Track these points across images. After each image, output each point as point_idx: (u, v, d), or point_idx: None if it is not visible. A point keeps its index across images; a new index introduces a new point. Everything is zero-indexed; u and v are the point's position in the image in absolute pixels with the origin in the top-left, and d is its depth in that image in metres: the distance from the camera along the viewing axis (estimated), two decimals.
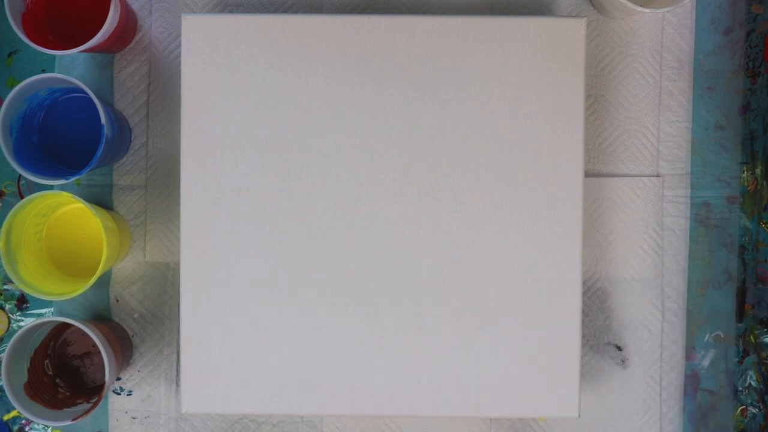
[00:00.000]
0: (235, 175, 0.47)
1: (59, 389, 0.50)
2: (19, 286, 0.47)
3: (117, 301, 0.53)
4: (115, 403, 0.53)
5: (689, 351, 0.53)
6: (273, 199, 0.47)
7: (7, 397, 0.46)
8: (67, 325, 0.50)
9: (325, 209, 0.47)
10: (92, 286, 0.51)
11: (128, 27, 0.51)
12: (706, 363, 0.53)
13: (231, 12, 0.53)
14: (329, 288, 0.47)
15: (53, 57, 0.53)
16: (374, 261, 0.47)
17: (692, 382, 0.53)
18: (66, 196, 0.47)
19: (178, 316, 0.51)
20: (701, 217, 0.53)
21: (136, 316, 0.53)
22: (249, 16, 0.47)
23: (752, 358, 0.53)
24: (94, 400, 0.48)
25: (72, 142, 0.52)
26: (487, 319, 0.47)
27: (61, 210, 0.51)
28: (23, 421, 0.53)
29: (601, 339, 0.53)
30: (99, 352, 0.51)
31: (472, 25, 0.46)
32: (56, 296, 0.47)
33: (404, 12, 0.53)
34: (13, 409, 0.53)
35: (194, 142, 0.46)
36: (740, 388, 0.53)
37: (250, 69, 0.46)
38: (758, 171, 0.53)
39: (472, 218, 0.47)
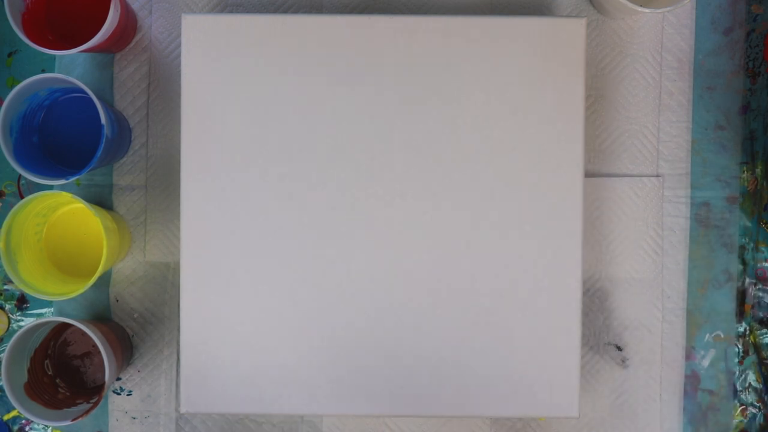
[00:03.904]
0: (235, 175, 0.47)
1: (59, 389, 0.50)
2: (19, 286, 0.47)
3: (117, 301, 0.53)
4: (115, 403, 0.53)
5: (689, 351, 0.53)
6: (273, 199, 0.47)
7: (7, 397, 0.46)
8: (67, 325, 0.49)
9: (324, 209, 0.47)
10: (92, 286, 0.51)
11: (128, 27, 0.51)
12: (706, 363, 0.53)
13: (231, 12, 0.53)
14: (329, 288, 0.47)
15: (53, 57, 0.53)
16: (374, 261, 0.46)
17: (692, 382, 0.53)
18: (66, 196, 0.47)
19: (178, 316, 0.51)
20: (701, 217, 0.53)
21: (136, 316, 0.53)
22: (249, 16, 0.47)
23: (752, 358, 0.53)
24: (94, 400, 0.48)
25: (72, 142, 0.52)
26: (487, 319, 0.47)
27: (61, 210, 0.51)
28: (23, 421, 0.53)
29: (601, 339, 0.53)
30: (99, 352, 0.50)
31: (472, 25, 0.46)
32: (56, 296, 0.47)
33: (404, 12, 0.53)
34: (13, 409, 0.53)
35: (194, 142, 0.46)
36: (740, 388, 0.53)
37: (250, 69, 0.46)
38: (758, 171, 0.53)
39: (471, 218, 0.47)
